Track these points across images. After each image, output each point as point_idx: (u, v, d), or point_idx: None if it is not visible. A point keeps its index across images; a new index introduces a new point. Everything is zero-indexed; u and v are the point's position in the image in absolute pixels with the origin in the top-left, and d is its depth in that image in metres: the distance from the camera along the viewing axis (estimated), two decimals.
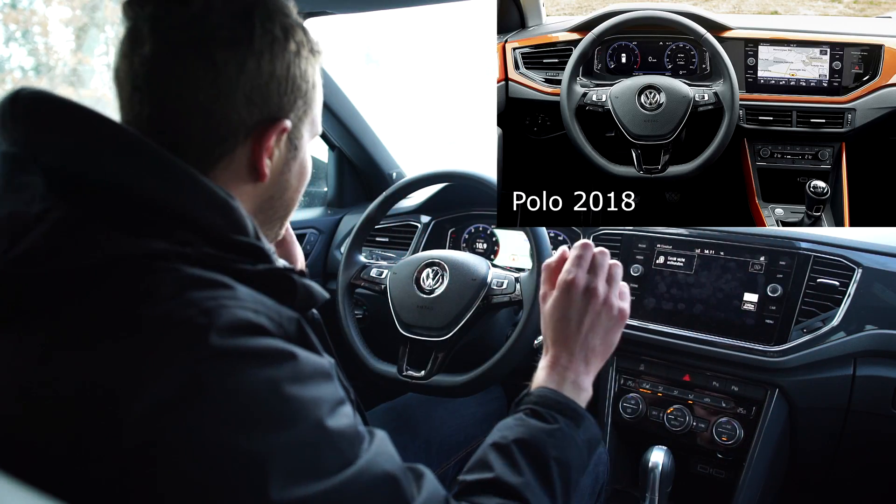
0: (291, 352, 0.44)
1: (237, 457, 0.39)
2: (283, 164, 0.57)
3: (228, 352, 0.41)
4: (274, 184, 0.58)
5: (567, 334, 0.69)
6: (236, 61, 0.50)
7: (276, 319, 0.46)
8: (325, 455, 0.43)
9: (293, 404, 0.42)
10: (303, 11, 1.25)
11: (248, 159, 0.54)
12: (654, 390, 1.17)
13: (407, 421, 1.08)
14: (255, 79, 0.51)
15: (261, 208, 0.58)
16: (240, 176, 0.54)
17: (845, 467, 1.13)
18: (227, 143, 0.52)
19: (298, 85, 0.55)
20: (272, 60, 0.52)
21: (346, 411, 0.47)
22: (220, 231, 0.48)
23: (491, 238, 1.48)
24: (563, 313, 0.70)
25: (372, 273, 1.15)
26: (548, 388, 0.66)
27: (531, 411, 0.63)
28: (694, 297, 1.14)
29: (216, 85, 0.50)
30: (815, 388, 1.05)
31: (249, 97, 0.51)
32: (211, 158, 0.52)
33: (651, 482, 0.99)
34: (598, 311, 0.70)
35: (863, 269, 1.02)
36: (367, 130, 1.64)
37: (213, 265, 0.46)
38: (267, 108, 0.53)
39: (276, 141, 0.55)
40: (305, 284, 0.53)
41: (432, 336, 1.02)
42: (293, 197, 0.62)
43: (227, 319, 0.42)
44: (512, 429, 0.61)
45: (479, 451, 0.60)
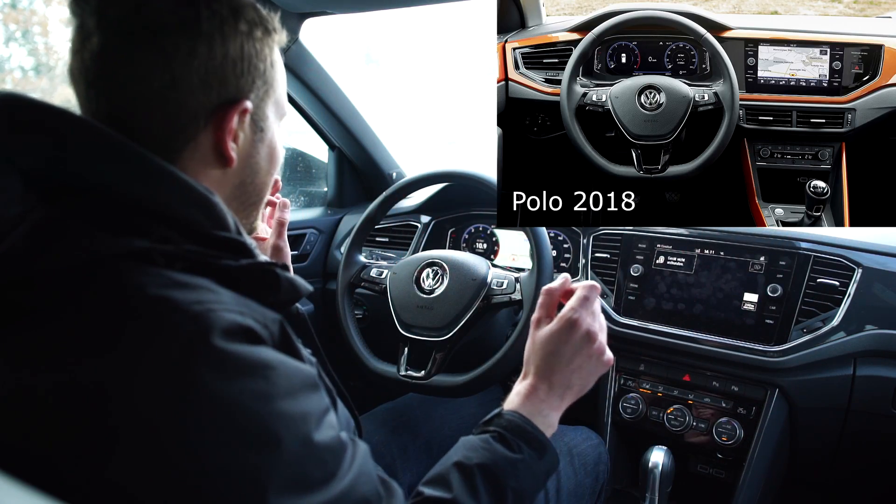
0: (282, 363, 0.45)
1: (227, 470, 0.39)
2: (249, 147, 0.57)
3: (229, 355, 0.41)
4: (243, 167, 0.57)
5: (554, 369, 0.70)
6: (186, 46, 0.49)
7: (261, 321, 0.46)
8: (310, 469, 0.44)
9: (283, 421, 0.43)
10: (303, 11, 1.25)
11: (212, 144, 0.53)
12: (654, 390, 1.17)
13: (407, 421, 1.08)
14: (209, 62, 0.50)
15: (233, 195, 0.58)
16: (207, 162, 0.54)
17: (845, 467, 1.13)
18: (188, 130, 0.51)
19: (255, 65, 0.54)
20: (224, 42, 0.51)
21: (331, 421, 0.48)
22: (200, 227, 0.48)
23: (491, 238, 1.48)
24: (556, 347, 0.71)
25: (372, 273, 1.15)
26: (519, 416, 0.66)
27: (499, 436, 0.64)
28: (694, 297, 1.14)
29: (169, 72, 0.49)
30: (815, 388, 1.05)
31: (205, 81, 0.51)
32: (174, 147, 0.51)
33: (651, 482, 0.99)
34: (590, 354, 0.71)
35: (863, 269, 1.02)
36: (367, 130, 1.64)
37: (196, 262, 0.46)
38: (225, 91, 0.52)
39: (239, 123, 0.54)
40: (289, 278, 0.53)
41: (432, 336, 1.02)
42: (265, 181, 0.61)
43: (225, 322, 0.42)
44: (477, 451, 0.62)
45: (442, 465, 0.62)
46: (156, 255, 0.44)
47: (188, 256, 0.46)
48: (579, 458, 0.96)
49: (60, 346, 0.40)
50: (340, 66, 1.55)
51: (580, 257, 1.28)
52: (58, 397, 0.38)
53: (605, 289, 1.24)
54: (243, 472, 0.40)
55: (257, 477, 0.40)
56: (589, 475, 0.97)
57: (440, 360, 1.01)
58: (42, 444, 0.38)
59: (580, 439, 1.02)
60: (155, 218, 0.46)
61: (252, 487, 0.40)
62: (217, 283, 0.46)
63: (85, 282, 0.42)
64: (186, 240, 0.47)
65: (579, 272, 1.28)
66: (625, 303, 1.20)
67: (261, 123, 0.57)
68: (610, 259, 1.24)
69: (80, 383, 0.38)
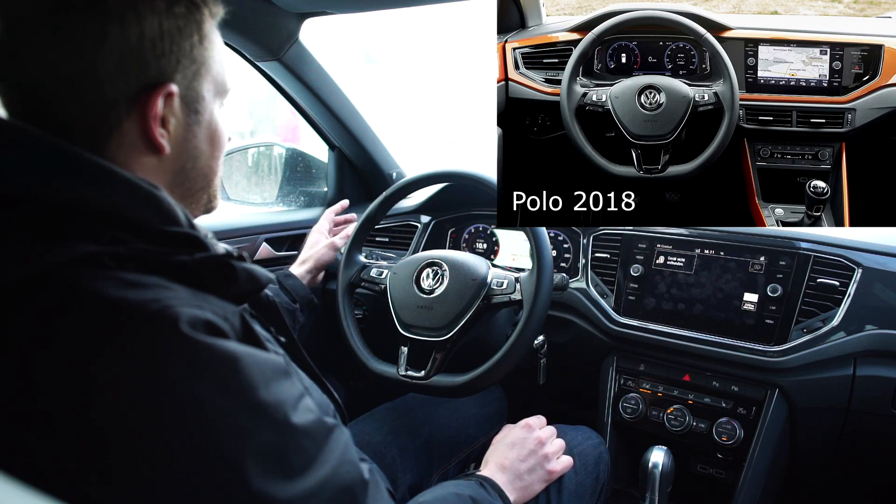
0: (248, 354, 0.44)
1: (206, 465, 0.40)
2: (184, 131, 0.53)
3: (196, 345, 0.41)
4: (181, 153, 0.54)
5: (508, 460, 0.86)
6: (95, 28, 0.46)
7: (220, 315, 0.45)
8: (291, 455, 0.44)
9: (257, 411, 0.42)
10: (303, 11, 1.25)
11: (138, 132, 0.50)
12: (654, 390, 1.17)
13: (407, 421, 1.08)
14: (123, 44, 0.47)
15: (175, 182, 0.55)
16: (138, 151, 0.50)
17: (845, 467, 1.13)
18: (110, 119, 0.48)
19: (178, 43, 0.50)
20: (138, 21, 0.47)
21: (308, 405, 0.48)
22: (149, 224, 0.47)
23: (491, 238, 1.48)
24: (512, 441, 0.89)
25: (372, 273, 1.15)
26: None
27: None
28: (694, 297, 1.14)
29: (79, 56, 0.46)
30: (814, 388, 1.05)
31: (121, 65, 0.47)
32: (98, 138, 0.48)
33: (651, 482, 0.99)
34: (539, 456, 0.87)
35: (863, 269, 1.02)
36: (367, 130, 1.64)
37: (148, 261, 0.45)
38: (145, 74, 0.48)
39: (167, 107, 0.50)
40: (246, 268, 0.52)
41: (432, 336, 1.02)
42: (210, 164, 0.58)
43: (186, 316, 0.42)
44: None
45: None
46: (105, 258, 0.43)
47: (140, 256, 0.44)
48: (580, 458, 0.96)
49: (22, 361, 0.39)
50: (340, 66, 1.56)
51: (580, 257, 1.28)
52: (25, 409, 0.38)
53: (605, 289, 1.24)
54: (223, 465, 0.40)
55: (237, 470, 0.40)
56: (590, 475, 0.97)
57: (440, 361, 1.01)
58: (16, 457, 0.38)
59: (581, 439, 1.02)
60: (101, 219, 0.45)
61: (235, 479, 0.40)
62: (172, 280, 0.45)
63: (38, 294, 0.40)
64: (137, 239, 0.45)
65: (579, 272, 1.28)
66: (625, 303, 1.20)
67: (195, 105, 0.54)
68: (610, 259, 1.24)
69: (48, 395, 0.38)
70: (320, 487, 0.45)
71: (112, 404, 0.38)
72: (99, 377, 0.39)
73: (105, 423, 0.38)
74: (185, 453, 0.39)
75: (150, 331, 0.40)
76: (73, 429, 0.38)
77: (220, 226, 1.41)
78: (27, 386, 0.39)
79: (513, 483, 0.83)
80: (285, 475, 0.42)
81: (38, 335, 0.40)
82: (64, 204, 0.44)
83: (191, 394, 0.40)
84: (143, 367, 0.40)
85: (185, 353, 0.41)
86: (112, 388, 0.39)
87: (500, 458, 0.86)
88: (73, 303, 0.41)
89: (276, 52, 1.32)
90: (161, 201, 0.48)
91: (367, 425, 1.06)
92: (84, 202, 0.44)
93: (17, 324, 0.40)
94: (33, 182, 0.43)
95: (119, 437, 0.38)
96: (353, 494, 0.48)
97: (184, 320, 0.41)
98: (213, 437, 0.40)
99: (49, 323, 0.40)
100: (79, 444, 0.38)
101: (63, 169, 0.44)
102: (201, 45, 0.53)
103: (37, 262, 0.41)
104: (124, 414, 0.39)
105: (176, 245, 0.48)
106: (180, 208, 0.50)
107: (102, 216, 0.45)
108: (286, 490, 0.42)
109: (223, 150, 0.60)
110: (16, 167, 0.43)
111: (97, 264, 0.42)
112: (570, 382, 1.39)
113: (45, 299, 0.41)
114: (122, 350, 0.40)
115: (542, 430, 0.92)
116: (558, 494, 0.89)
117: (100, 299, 0.41)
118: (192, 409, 0.40)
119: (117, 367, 0.39)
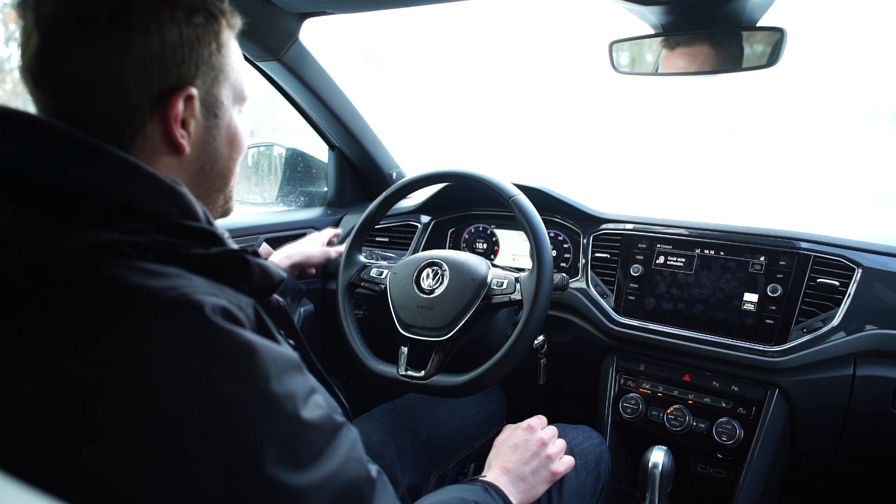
0: (264, 345, 0.45)
1: (220, 453, 0.40)
2: (204, 134, 0.57)
3: (219, 332, 0.42)
4: (201, 154, 0.57)
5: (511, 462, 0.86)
6: (120, 38, 0.49)
7: (235, 304, 0.47)
8: (300, 447, 0.44)
9: (270, 402, 0.43)
10: (303, 11, 1.25)
11: (161, 133, 0.53)
12: (654, 390, 1.17)
13: (407, 421, 1.08)
14: (145, 52, 0.50)
15: (193, 182, 0.58)
16: (159, 151, 0.54)
17: (845, 467, 1.13)
18: (134, 121, 0.51)
19: (196, 51, 0.53)
20: (160, 31, 0.51)
21: (318, 401, 0.48)
22: (170, 217, 0.49)
23: (491, 238, 1.48)
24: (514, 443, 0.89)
25: (372, 273, 1.15)
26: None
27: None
28: (694, 297, 1.14)
29: (105, 64, 0.49)
30: (815, 388, 1.05)
31: (143, 71, 0.50)
32: (123, 139, 0.51)
33: (651, 482, 0.99)
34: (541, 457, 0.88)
35: (863, 269, 1.02)
36: (367, 130, 1.64)
37: (166, 252, 0.46)
38: (166, 79, 0.52)
39: (188, 109, 0.54)
40: (260, 264, 0.54)
41: (432, 336, 1.02)
42: (228, 167, 0.61)
43: (207, 303, 0.43)
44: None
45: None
46: (126, 246, 0.44)
47: (158, 247, 0.46)
48: (581, 458, 0.96)
49: (44, 343, 0.40)
50: (340, 66, 1.56)
51: (580, 257, 1.28)
52: (46, 394, 0.38)
53: (606, 289, 1.24)
54: (238, 450, 0.41)
55: (252, 455, 0.41)
56: (591, 474, 0.97)
57: (440, 361, 1.01)
58: (34, 442, 0.38)
59: (582, 438, 1.02)
60: (123, 211, 0.47)
61: (249, 464, 0.41)
62: (189, 271, 0.46)
63: (60, 277, 0.42)
64: (156, 231, 0.47)
65: (579, 272, 1.28)
66: (625, 303, 1.20)
67: (214, 109, 0.57)
68: (610, 259, 1.24)
69: (67, 378, 0.39)
70: (327, 480, 0.45)
71: (131, 387, 0.39)
72: (117, 360, 0.39)
73: (124, 404, 0.39)
74: (202, 436, 0.40)
75: (176, 316, 0.42)
76: (89, 409, 0.38)
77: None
78: (45, 366, 0.39)
79: (517, 486, 0.83)
80: (294, 465, 0.43)
81: (57, 317, 0.41)
82: (88, 194, 0.46)
83: (209, 378, 0.41)
84: (164, 350, 0.40)
85: (210, 338, 0.42)
86: (132, 370, 0.39)
87: (504, 462, 0.86)
88: (93, 287, 0.42)
89: (276, 52, 1.32)
90: (182, 196, 0.51)
91: (365, 425, 1.06)
92: (107, 193, 0.46)
93: (36, 305, 0.41)
94: (60, 172, 0.46)
95: (137, 417, 0.39)
96: (359, 491, 0.48)
97: (208, 307, 0.43)
98: (232, 421, 0.41)
99: (68, 305, 0.41)
100: (96, 425, 0.38)
101: (88, 161, 0.47)
102: (219, 53, 0.56)
103: (58, 245, 0.42)
104: (144, 395, 0.39)
105: (193, 238, 0.50)
106: (200, 206, 0.53)
107: (124, 207, 0.47)
108: (295, 479, 0.42)
109: (242, 153, 0.63)
110: (44, 158, 0.46)
111: (117, 253, 0.44)
112: (570, 382, 1.40)
113: (64, 282, 0.42)
114: (141, 333, 0.41)
115: (543, 431, 0.92)
116: (560, 494, 0.89)
117: (120, 285, 0.42)
118: (212, 393, 0.41)
119: (136, 350, 0.40)
